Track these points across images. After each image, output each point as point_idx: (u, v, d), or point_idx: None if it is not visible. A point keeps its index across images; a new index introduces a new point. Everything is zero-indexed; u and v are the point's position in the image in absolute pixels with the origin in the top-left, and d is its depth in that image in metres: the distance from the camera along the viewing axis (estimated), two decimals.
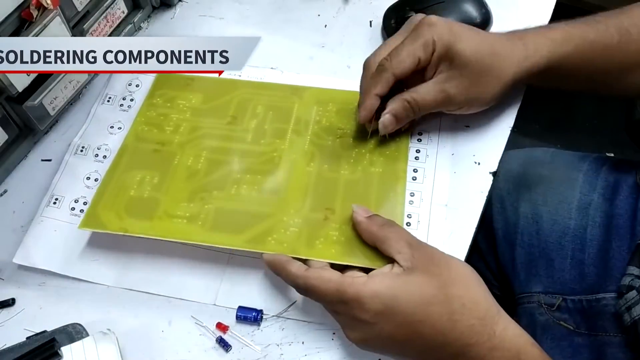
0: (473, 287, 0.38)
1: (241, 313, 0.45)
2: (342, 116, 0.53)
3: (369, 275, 0.38)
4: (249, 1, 0.64)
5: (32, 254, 0.48)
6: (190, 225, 0.45)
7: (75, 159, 0.53)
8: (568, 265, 0.55)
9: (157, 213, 0.46)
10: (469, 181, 0.50)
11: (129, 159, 0.50)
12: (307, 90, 0.55)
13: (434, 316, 0.37)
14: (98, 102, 0.57)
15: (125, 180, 0.49)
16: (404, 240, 0.40)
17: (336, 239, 0.44)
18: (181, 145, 0.51)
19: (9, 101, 0.49)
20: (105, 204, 0.47)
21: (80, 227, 0.46)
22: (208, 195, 0.47)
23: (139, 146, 0.51)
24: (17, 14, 0.45)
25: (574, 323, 0.53)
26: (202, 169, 0.49)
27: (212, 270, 0.47)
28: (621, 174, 0.56)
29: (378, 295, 0.37)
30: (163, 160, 0.50)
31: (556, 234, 0.56)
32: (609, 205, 0.54)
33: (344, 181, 0.48)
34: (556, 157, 0.62)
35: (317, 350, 0.44)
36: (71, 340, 0.42)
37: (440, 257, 0.40)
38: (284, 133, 0.52)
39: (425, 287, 0.37)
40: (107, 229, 0.45)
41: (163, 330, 0.45)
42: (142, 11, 0.61)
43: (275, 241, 0.44)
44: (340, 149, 0.50)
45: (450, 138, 0.52)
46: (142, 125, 0.53)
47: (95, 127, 0.55)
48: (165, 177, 0.49)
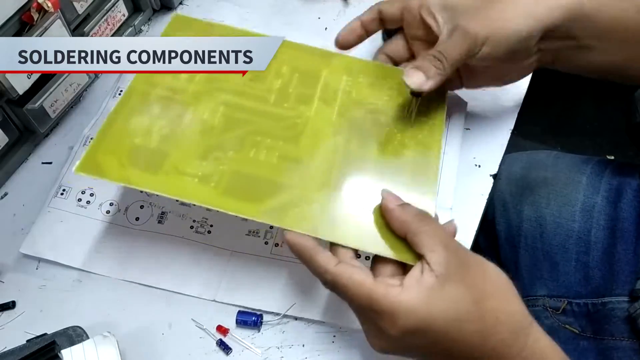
0: (507, 299, 0.37)
1: (241, 318, 0.45)
2: (374, 90, 0.48)
3: (404, 286, 0.35)
4: (249, 4, 0.64)
5: (39, 244, 0.48)
6: (202, 185, 0.41)
7: (84, 150, 0.53)
8: (572, 269, 0.54)
9: (165, 167, 0.42)
10: (469, 184, 0.50)
11: (137, 102, 0.45)
12: (336, 57, 0.50)
13: (467, 334, 0.35)
14: (110, 95, 0.57)
15: (131, 125, 0.44)
16: (438, 237, 0.36)
17: (361, 223, 0.40)
18: (196, 96, 0.46)
19: (10, 104, 0.49)
20: (106, 148, 0.42)
21: (76, 171, 0.41)
22: (223, 155, 0.43)
23: (149, 90, 0.46)
24: (17, 17, 0.45)
25: (579, 327, 0.52)
26: (218, 125, 0.44)
27: (213, 267, 0.47)
28: (624, 177, 0.56)
29: (414, 312, 0.34)
30: (175, 109, 0.45)
31: (560, 237, 0.56)
32: (613, 208, 0.54)
33: (373, 160, 0.44)
34: (559, 160, 0.62)
35: (318, 353, 0.44)
36: (71, 343, 0.42)
37: (475, 262, 0.37)
38: (309, 99, 0.47)
39: (460, 302, 0.35)
40: (106, 177, 0.41)
41: (163, 333, 0.45)
42: (143, 14, 0.61)
43: (297, 216, 0.40)
44: (371, 125, 0.46)
45: (450, 140, 0.52)
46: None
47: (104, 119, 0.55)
48: (176, 128, 0.44)
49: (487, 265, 0.37)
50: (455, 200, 0.49)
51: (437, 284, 0.35)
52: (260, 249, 0.48)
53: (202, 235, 0.49)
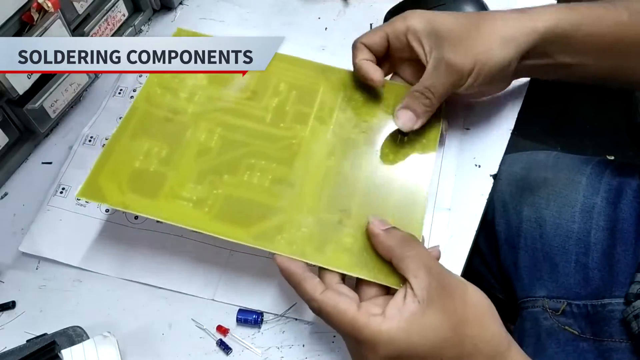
0: (486, 324, 0.37)
1: (241, 316, 0.45)
2: (369, 108, 0.49)
3: (385, 316, 0.36)
4: (249, 4, 0.64)
5: (38, 243, 0.48)
6: (196, 210, 0.43)
7: (83, 148, 0.53)
8: (572, 270, 0.54)
9: (163, 191, 0.43)
10: (469, 184, 0.50)
11: (137, 124, 0.47)
12: (334, 72, 0.51)
13: (445, 359, 0.36)
14: (110, 94, 0.57)
15: (132, 148, 0.45)
16: (422, 262, 0.38)
17: (349, 246, 0.41)
18: (195, 117, 0.47)
19: (10, 104, 0.49)
20: (107, 173, 0.44)
21: (78, 195, 0.43)
22: (218, 179, 0.44)
23: (150, 110, 0.48)
24: (17, 17, 0.45)
25: (578, 328, 0.52)
26: (214, 147, 0.46)
27: (213, 266, 0.47)
28: (624, 177, 0.56)
29: (393, 343, 0.35)
30: (174, 131, 0.46)
31: (560, 238, 0.56)
32: (612, 209, 0.54)
33: (364, 182, 0.45)
34: (559, 160, 0.62)
35: (318, 354, 0.44)
36: (71, 343, 0.42)
37: (456, 286, 0.38)
38: (306, 118, 0.48)
39: (439, 328, 0.36)
40: (107, 202, 0.43)
41: (163, 333, 0.45)
42: (143, 14, 0.61)
43: (285, 240, 0.42)
44: (364, 144, 0.47)
45: (450, 141, 0.52)
46: (155, 86, 0.49)
47: (105, 118, 0.55)
48: (174, 151, 0.45)
49: (468, 289, 0.38)
50: (455, 200, 0.49)
51: (419, 310, 0.36)
52: (260, 248, 0.48)
53: (202, 234, 0.49)
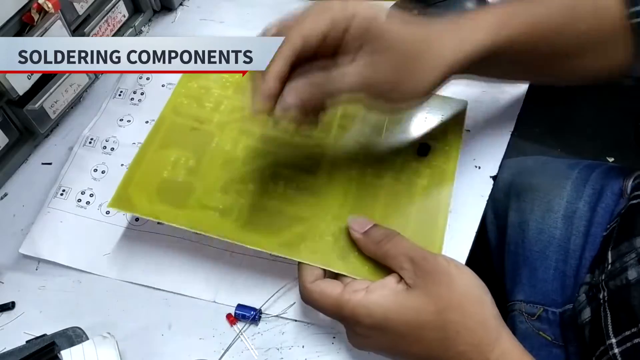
0: (470, 313, 0.37)
1: (240, 311, 0.45)
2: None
3: (367, 290, 0.37)
4: (250, 5, 0.64)
5: (38, 245, 0.48)
6: (223, 219, 0.43)
7: (83, 150, 0.53)
8: (551, 276, 0.53)
9: (190, 201, 0.44)
10: (469, 185, 0.50)
11: (165, 135, 0.47)
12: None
13: (426, 339, 0.37)
14: (110, 96, 0.57)
15: (160, 159, 0.46)
16: (403, 254, 0.38)
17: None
18: (220, 126, 0.48)
19: (10, 104, 0.49)
20: (137, 184, 0.45)
21: (109, 206, 0.44)
22: (244, 189, 0.45)
23: (177, 121, 0.48)
24: (18, 17, 0.45)
25: (552, 334, 0.52)
26: (240, 156, 0.46)
27: (213, 267, 0.47)
28: (609, 180, 0.55)
29: (370, 315, 0.37)
30: (200, 140, 0.47)
31: (541, 244, 0.55)
32: (592, 214, 0.53)
33: (386, 190, 0.45)
34: (547, 166, 0.61)
35: (317, 354, 0.44)
36: (71, 344, 0.42)
37: (444, 272, 0.37)
38: (329, 126, 0.48)
39: (422, 311, 0.36)
40: (137, 212, 0.44)
41: (163, 334, 0.45)
42: (143, 15, 0.61)
43: (308, 249, 0.42)
44: (386, 152, 0.47)
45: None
46: (182, 97, 0.50)
47: (105, 120, 0.55)
48: (201, 160, 0.46)
49: (457, 273, 0.38)
50: (455, 201, 0.49)
51: (402, 290, 0.37)
52: (260, 250, 0.48)
53: (202, 236, 0.49)
